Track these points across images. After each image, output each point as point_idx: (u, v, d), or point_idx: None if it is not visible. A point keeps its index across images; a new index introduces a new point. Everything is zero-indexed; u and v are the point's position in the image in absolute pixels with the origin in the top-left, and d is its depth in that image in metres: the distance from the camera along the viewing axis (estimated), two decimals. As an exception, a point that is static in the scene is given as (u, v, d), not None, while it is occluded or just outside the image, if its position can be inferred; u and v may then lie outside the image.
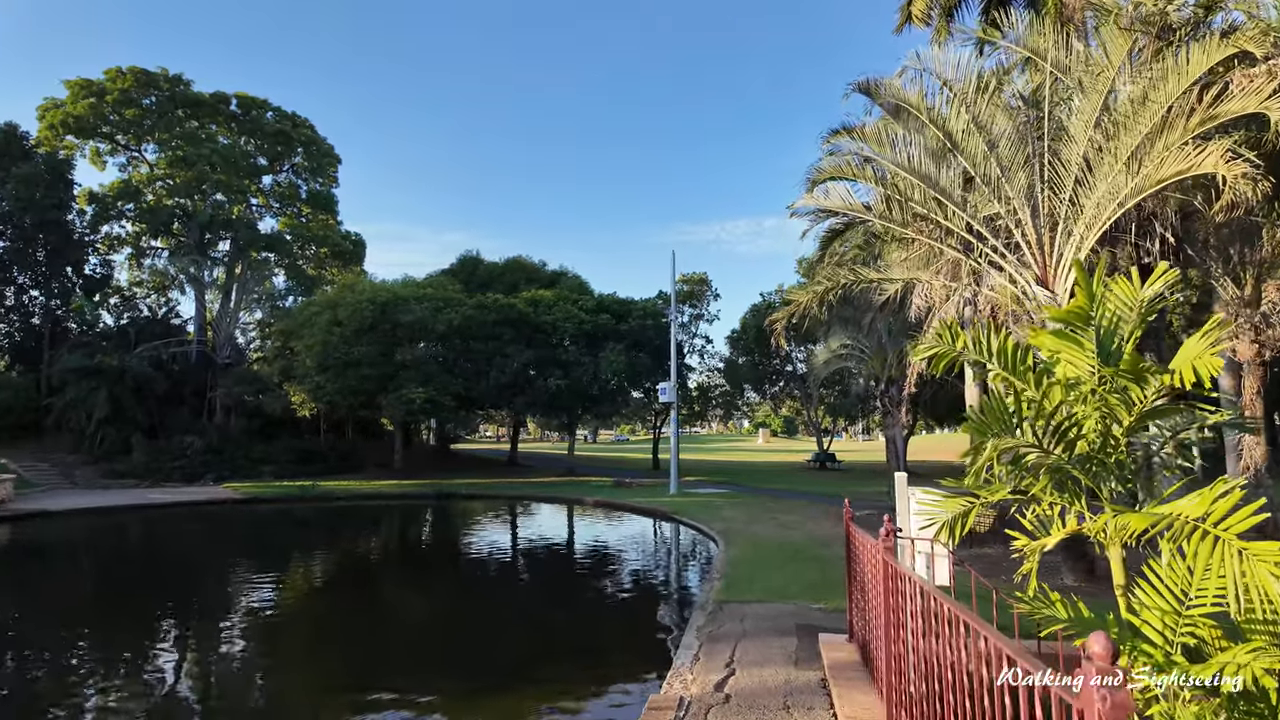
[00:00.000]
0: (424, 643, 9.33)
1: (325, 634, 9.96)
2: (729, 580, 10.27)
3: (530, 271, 37.20)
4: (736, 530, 16.04)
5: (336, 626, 10.26)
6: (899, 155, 11.71)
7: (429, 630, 9.96)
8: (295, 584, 13.08)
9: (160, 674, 7.91)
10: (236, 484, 29.82)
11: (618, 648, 8.77)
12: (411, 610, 11.33)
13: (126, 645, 8.86)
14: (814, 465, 45.29)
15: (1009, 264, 11.55)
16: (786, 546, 13.57)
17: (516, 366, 29.75)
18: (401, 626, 10.01)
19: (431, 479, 31.48)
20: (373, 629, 9.86)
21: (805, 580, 10.19)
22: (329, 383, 28.49)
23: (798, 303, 12.85)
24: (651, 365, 32.80)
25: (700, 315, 42.34)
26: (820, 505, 21.73)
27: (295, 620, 10.66)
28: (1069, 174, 10.79)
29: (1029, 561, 4.57)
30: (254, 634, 9.82)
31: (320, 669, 8.43)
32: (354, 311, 28.41)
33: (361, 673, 7.70)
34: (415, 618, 10.71)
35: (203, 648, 9.07)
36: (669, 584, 12.47)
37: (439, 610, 11.11)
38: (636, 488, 28.67)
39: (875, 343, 19.79)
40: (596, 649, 8.69)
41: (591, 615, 10.32)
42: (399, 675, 7.55)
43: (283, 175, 46.36)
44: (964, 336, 4.85)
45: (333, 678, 7.86)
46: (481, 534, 19.62)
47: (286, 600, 11.72)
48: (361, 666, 7.99)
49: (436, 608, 11.28)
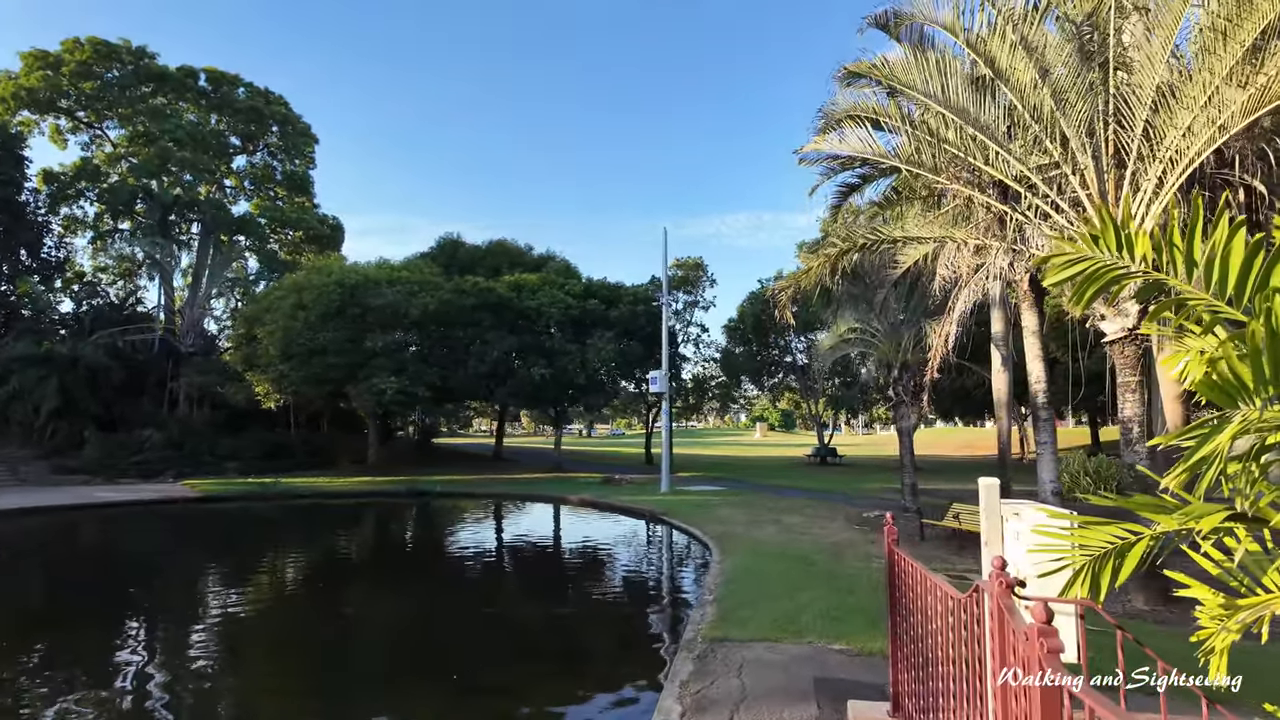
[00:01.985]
0: (326, 675, 7.29)
1: (254, 648, 7.98)
2: (724, 605, 8.21)
3: (515, 255, 34.97)
4: (733, 535, 14.00)
5: (266, 640, 8.28)
6: (931, 86, 9.61)
7: (336, 658, 7.92)
8: (237, 590, 11.02)
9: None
10: (197, 481, 27.72)
11: (575, 711, 6.61)
12: (329, 632, 9.27)
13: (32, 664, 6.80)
14: (814, 460, 43.28)
15: (1062, 217, 9.51)
16: (792, 555, 11.53)
17: (497, 355, 27.60)
18: (314, 649, 7.97)
19: (408, 475, 29.41)
20: (295, 647, 7.82)
21: (820, 605, 8.14)
22: (293, 371, 26.33)
23: (806, 269, 10.76)
24: (643, 354, 30.70)
25: (696, 303, 40.18)
26: (826, 504, 19.72)
27: (234, 632, 8.64)
28: (1141, 103, 8.72)
29: (1225, 633, 2.57)
30: (187, 650, 8.02)
31: (247, 688, 6.51)
32: (320, 295, 26.23)
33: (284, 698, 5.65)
34: (330, 640, 8.67)
35: (114, 663, 7.03)
36: (649, 607, 10.29)
37: (352, 638, 9.03)
38: (626, 485, 26.63)
39: (888, 325, 17.70)
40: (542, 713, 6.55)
41: (549, 655, 8.23)
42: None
43: (257, 156, 44.15)
44: (1143, 239, 2.71)
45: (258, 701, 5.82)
46: (442, 541, 17.53)
47: (227, 608, 9.68)
48: (281, 690, 5.94)
49: (352, 636, 9.20)
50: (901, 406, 17.73)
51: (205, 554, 15.65)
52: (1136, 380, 9.06)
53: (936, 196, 12.08)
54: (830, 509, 18.51)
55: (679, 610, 9.47)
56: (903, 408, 17.72)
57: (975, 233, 10.67)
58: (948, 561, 11.61)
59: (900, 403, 17.72)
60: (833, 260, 10.32)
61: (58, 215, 36.97)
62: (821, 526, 15.32)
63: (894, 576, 4.91)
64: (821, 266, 10.39)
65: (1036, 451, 12.06)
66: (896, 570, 4.86)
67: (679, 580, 12.06)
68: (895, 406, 18.17)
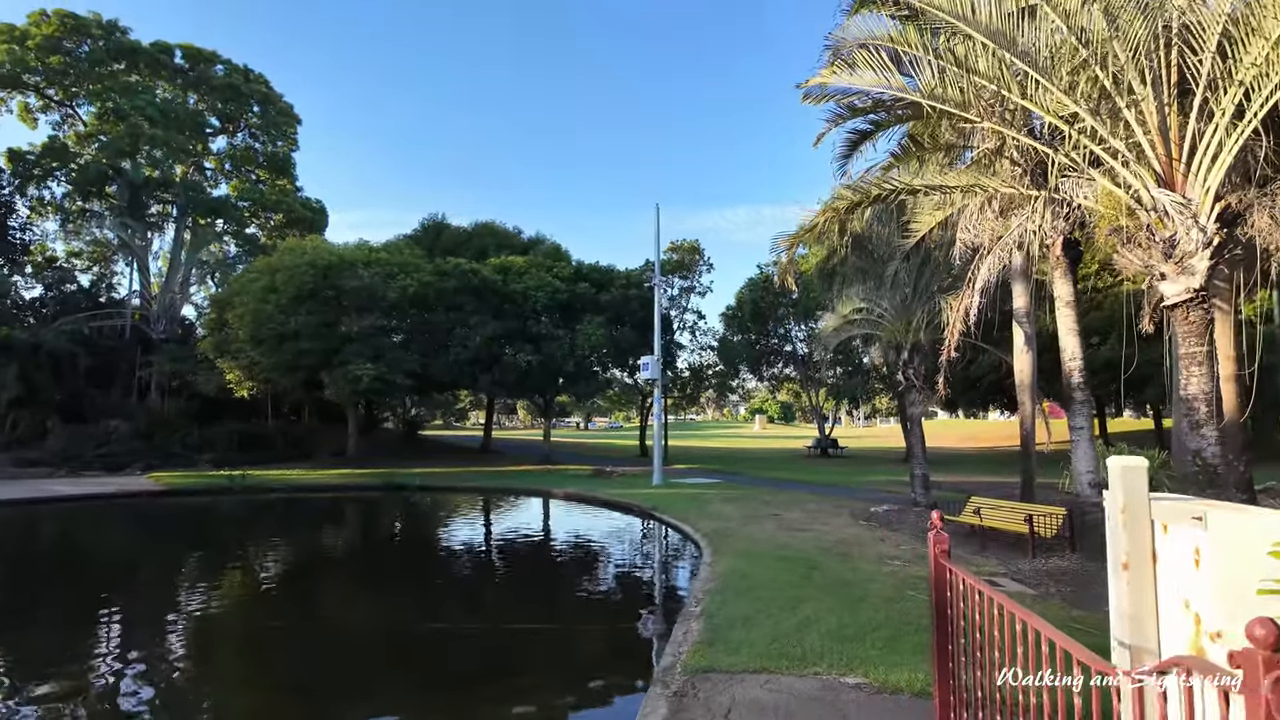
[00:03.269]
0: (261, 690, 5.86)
1: (164, 660, 6.52)
2: (712, 621, 6.77)
3: (503, 238, 33.35)
4: (728, 533, 12.56)
5: (180, 654, 6.86)
6: (960, 5, 8.10)
7: (247, 676, 6.48)
8: (171, 596, 9.60)
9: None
10: (165, 474, 26.27)
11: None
12: (251, 645, 7.82)
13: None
14: (815, 452, 41.91)
15: (1115, 160, 8.03)
16: (793, 557, 10.09)
17: (480, 341, 26.07)
18: (229, 664, 6.54)
19: (388, 469, 27.96)
20: (206, 661, 6.41)
21: (827, 621, 6.71)
22: (264, 358, 24.83)
23: (812, 224, 9.26)
24: (635, 340, 29.18)
25: (692, 288, 38.60)
26: (829, 498, 18.30)
27: (150, 642, 7.20)
28: (1216, 14, 7.24)
29: None
30: (94, 659, 6.66)
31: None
32: (291, 276, 24.70)
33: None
34: (249, 655, 7.24)
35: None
36: (623, 622, 8.56)
37: (271, 654, 7.58)
38: (617, 478, 25.21)
39: (898, 302, 16.22)
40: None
41: (487, 685, 6.73)
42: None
43: (238, 138, 42.54)
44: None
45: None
46: (404, 541, 16.09)
47: (175, 612, 8.25)
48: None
49: (272, 651, 7.74)
50: (911, 392, 16.28)
51: (152, 554, 14.23)
52: (1204, 350, 7.60)
53: (960, 147, 10.60)
54: (833, 503, 17.09)
55: (659, 625, 8.00)
56: (913, 393, 16.28)
57: (1009, 181, 9.16)
58: (968, 560, 10.19)
59: (910, 388, 16.26)
60: (841, 214, 8.83)
61: (25, 196, 35.35)
62: (824, 523, 13.90)
63: (944, 600, 3.46)
64: (829, 221, 8.90)
65: (1071, 439, 10.62)
66: (948, 591, 3.40)
67: (662, 587, 10.58)
68: (904, 393, 16.74)
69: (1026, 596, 8.17)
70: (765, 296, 38.07)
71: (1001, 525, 11.32)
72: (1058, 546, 11.14)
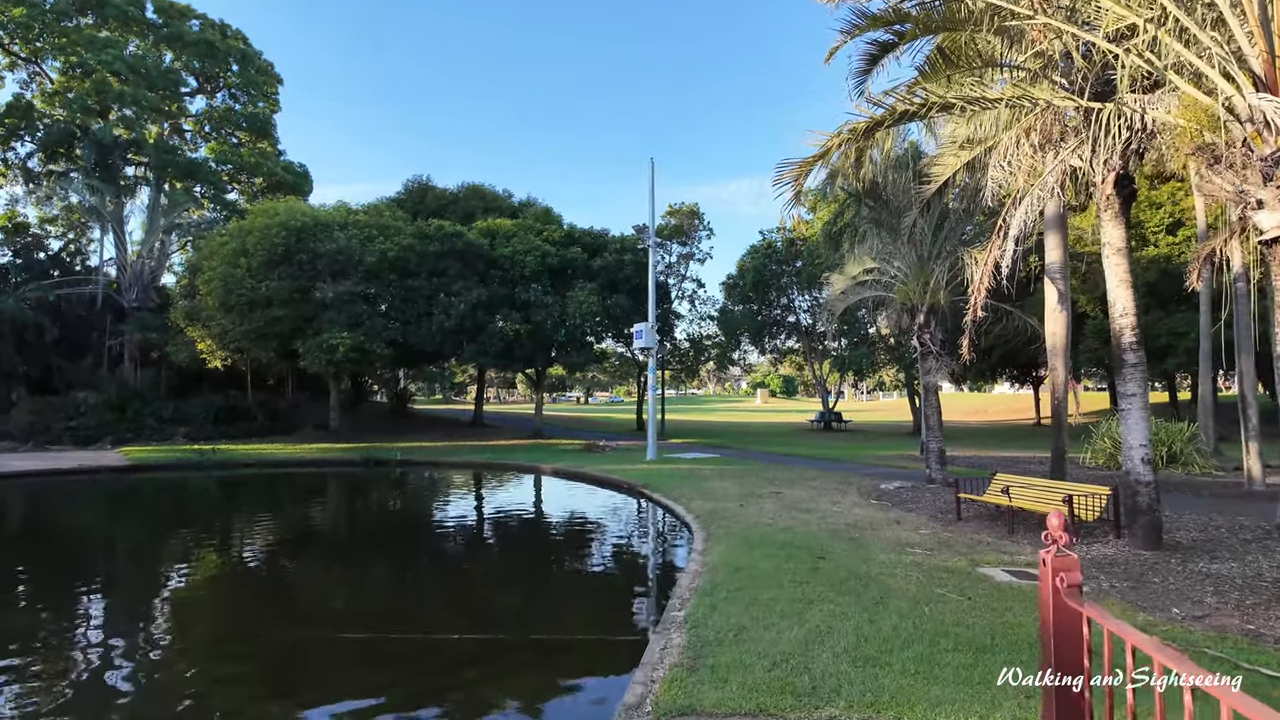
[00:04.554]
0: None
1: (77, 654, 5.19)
2: (696, 635, 5.38)
3: (490, 200, 31.57)
4: (723, 514, 11.20)
5: (103, 646, 5.52)
6: None
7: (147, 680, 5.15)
8: (104, 581, 8.29)
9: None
10: (136, 448, 25.02)
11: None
12: (186, 639, 6.47)
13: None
14: (818, 425, 40.66)
15: (1204, 62, 6.48)
16: (797, 544, 8.72)
17: (464, 308, 24.52)
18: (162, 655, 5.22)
19: (373, 443, 26.68)
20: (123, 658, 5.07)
21: (843, 633, 5.32)
22: (234, 326, 23.35)
23: (824, 148, 7.70)
24: (630, 309, 27.61)
25: (690, 255, 36.85)
26: (834, 474, 16.95)
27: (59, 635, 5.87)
28: None
29: None
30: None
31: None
32: (262, 239, 23.10)
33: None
34: (184, 647, 5.91)
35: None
36: (588, 632, 6.75)
37: (204, 652, 6.21)
38: (610, 452, 23.89)
39: (914, 260, 14.66)
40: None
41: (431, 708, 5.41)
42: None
43: (219, 99, 40.64)
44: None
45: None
46: (364, 522, 14.69)
47: (107, 597, 6.95)
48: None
49: (207, 646, 6.38)
50: (928, 359, 14.79)
51: (90, 536, 12.90)
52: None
53: (997, 65, 8.99)
54: (840, 480, 15.73)
55: (632, 637, 6.56)
56: (929, 360, 14.79)
57: (1063, 94, 7.58)
58: (999, 547, 8.82)
59: (926, 354, 14.77)
60: (860, 136, 7.27)
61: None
62: (831, 501, 12.53)
63: (1073, 662, 2.00)
64: (846, 145, 7.34)
65: (1120, 408, 9.15)
66: (1083, 654, 1.95)
67: (642, 584, 9.10)
68: (920, 359, 15.25)
69: (1077, 594, 6.78)
70: (768, 265, 36.42)
71: (1034, 506, 9.92)
72: (1100, 531, 9.77)
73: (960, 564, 7.92)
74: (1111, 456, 18.77)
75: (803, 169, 8.00)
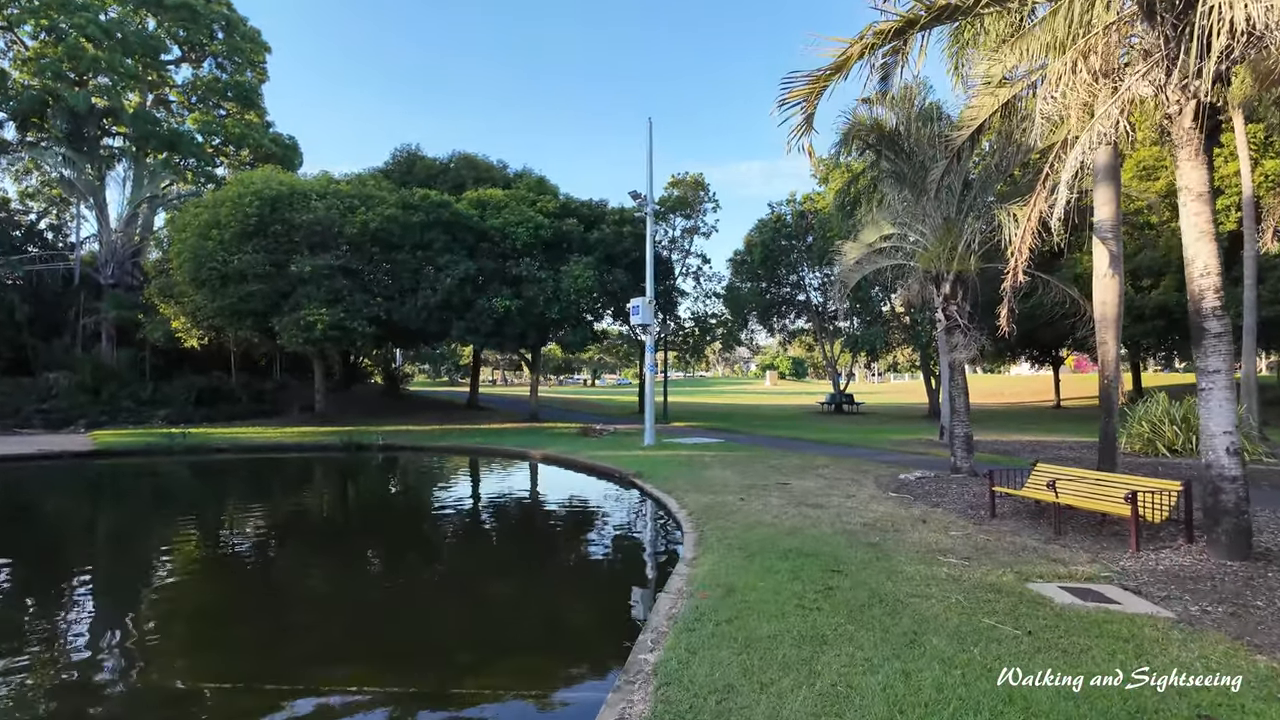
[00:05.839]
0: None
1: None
2: (668, 692, 3.90)
3: (482, 170, 29.82)
4: (721, 510, 9.72)
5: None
6: None
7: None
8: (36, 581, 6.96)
9: None
10: (109, 432, 23.81)
11: None
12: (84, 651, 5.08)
13: None
14: (828, 408, 39.09)
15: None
16: (805, 551, 7.22)
17: (451, 283, 22.96)
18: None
19: (359, 426, 25.34)
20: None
21: (870, 702, 3.82)
22: (207, 302, 21.95)
23: (844, 58, 6.07)
24: (629, 284, 26.00)
25: (695, 229, 35.06)
26: (847, 461, 15.43)
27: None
28: None
29: None
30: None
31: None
32: (235, 209, 21.60)
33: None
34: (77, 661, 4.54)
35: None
36: (532, 677, 5.12)
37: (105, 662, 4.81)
38: (606, 437, 22.46)
39: (939, 222, 12.97)
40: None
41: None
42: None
43: (205, 68, 39.01)
44: None
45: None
46: (327, 515, 13.29)
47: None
48: None
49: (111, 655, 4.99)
50: (955, 333, 13.15)
51: (33, 529, 11.57)
52: None
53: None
54: (853, 468, 14.21)
55: (580, 695, 4.85)
56: (956, 335, 13.15)
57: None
58: (1047, 554, 7.31)
59: (953, 328, 13.13)
60: (888, 38, 5.64)
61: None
62: (845, 494, 11.02)
63: None
64: (869, 52, 5.71)
65: (1199, 386, 7.56)
66: None
67: (611, 607, 7.25)
68: (945, 335, 13.61)
69: (1162, 622, 5.26)
70: (777, 239, 34.62)
71: (1086, 503, 8.35)
72: (1167, 534, 8.21)
73: (1006, 579, 6.40)
74: (1150, 442, 17.14)
75: (815, 86, 6.36)
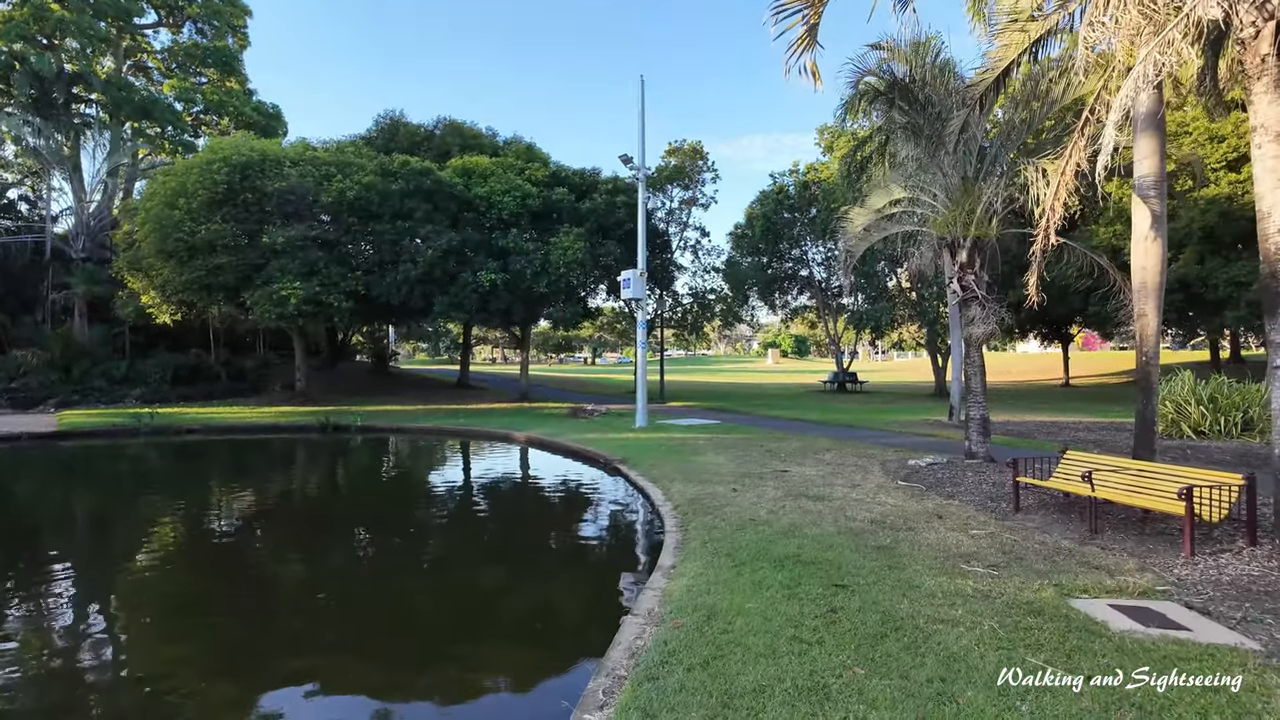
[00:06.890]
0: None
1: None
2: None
3: (469, 137, 28.32)
4: (710, 504, 8.61)
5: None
6: None
7: None
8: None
9: None
10: (79, 412, 22.81)
11: None
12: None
13: None
14: (831, 387, 37.95)
15: None
16: (804, 559, 6.10)
17: (433, 255, 21.71)
18: None
19: (341, 405, 24.27)
20: None
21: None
22: (175, 275, 20.77)
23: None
24: (622, 258, 24.73)
25: (694, 200, 33.64)
26: (851, 444, 14.32)
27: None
28: None
29: None
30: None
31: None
32: (203, 176, 20.32)
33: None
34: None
35: None
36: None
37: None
38: (597, 418, 21.37)
39: (956, 183, 11.70)
40: None
41: None
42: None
43: (185, 34, 37.45)
44: None
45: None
46: (279, 504, 12.24)
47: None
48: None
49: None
50: (972, 305, 11.95)
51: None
52: None
53: None
54: (858, 452, 13.09)
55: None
56: (973, 307, 11.94)
57: None
58: (1085, 558, 6.21)
59: (970, 300, 11.93)
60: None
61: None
62: (849, 483, 9.91)
63: None
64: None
65: (1272, 364, 6.39)
66: None
67: (566, 634, 5.81)
68: (961, 307, 12.41)
69: (1250, 658, 4.11)
70: (779, 212, 33.23)
71: (1127, 499, 7.20)
72: (1223, 535, 7.08)
73: (1046, 595, 5.27)
74: (1174, 423, 15.97)
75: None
